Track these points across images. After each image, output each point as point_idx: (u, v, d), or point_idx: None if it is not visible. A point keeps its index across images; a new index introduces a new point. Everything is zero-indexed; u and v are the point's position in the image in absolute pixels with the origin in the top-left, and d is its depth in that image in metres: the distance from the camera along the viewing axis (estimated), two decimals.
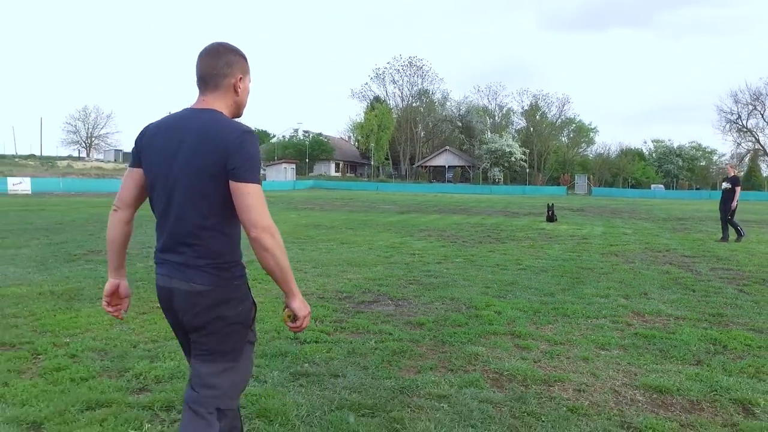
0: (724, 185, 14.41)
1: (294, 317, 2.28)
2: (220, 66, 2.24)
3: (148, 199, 2.32)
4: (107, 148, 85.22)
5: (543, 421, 3.46)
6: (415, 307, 6.47)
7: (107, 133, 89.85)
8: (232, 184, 2.09)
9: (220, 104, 2.25)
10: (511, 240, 13.85)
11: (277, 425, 3.32)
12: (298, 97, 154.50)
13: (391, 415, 3.49)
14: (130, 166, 2.33)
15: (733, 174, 14.55)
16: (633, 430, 3.36)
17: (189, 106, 2.30)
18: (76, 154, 79.28)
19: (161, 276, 2.28)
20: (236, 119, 2.30)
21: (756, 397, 3.86)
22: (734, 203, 13.87)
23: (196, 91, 2.26)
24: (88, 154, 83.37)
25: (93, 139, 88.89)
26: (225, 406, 2.24)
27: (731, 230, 14.20)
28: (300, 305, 2.26)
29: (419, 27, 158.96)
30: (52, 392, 3.76)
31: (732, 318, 6.15)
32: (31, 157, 59.32)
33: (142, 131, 2.31)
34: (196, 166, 2.12)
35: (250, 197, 2.08)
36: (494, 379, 4.20)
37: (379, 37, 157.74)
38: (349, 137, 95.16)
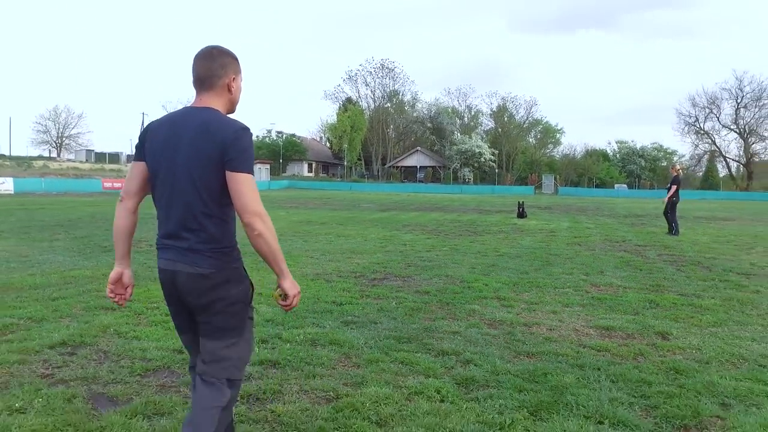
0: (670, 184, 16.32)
1: (285, 296, 2.53)
2: (215, 68, 2.48)
3: (150, 189, 2.56)
4: (79, 148, 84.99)
5: (527, 344, 5.05)
6: (418, 281, 8.04)
7: (78, 133, 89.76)
8: (228, 174, 2.34)
9: (216, 103, 2.50)
10: (487, 233, 15.52)
11: (347, 347, 4.85)
12: (269, 97, 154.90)
13: (422, 342, 5.05)
14: (134, 160, 2.59)
15: (675, 174, 16.47)
16: (587, 348, 4.97)
17: (188, 105, 2.58)
18: (46, 154, 79.00)
19: (165, 260, 2.51)
20: (231, 115, 2.59)
21: (671, 329, 5.53)
22: (667, 198, 15.77)
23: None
24: (59, 154, 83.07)
25: (64, 139, 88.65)
26: (233, 377, 2.55)
27: (675, 223, 16.05)
28: (290, 285, 2.52)
29: (391, 28, 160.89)
30: (168, 336, 5.21)
31: (667, 287, 7.86)
32: (2, 156, 59.28)
33: (145, 128, 2.57)
34: (198, 158, 2.36)
35: (244, 185, 2.34)
36: (489, 323, 5.78)
37: (350, 39, 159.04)
38: (321, 138, 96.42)
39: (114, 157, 76.36)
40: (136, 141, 2.61)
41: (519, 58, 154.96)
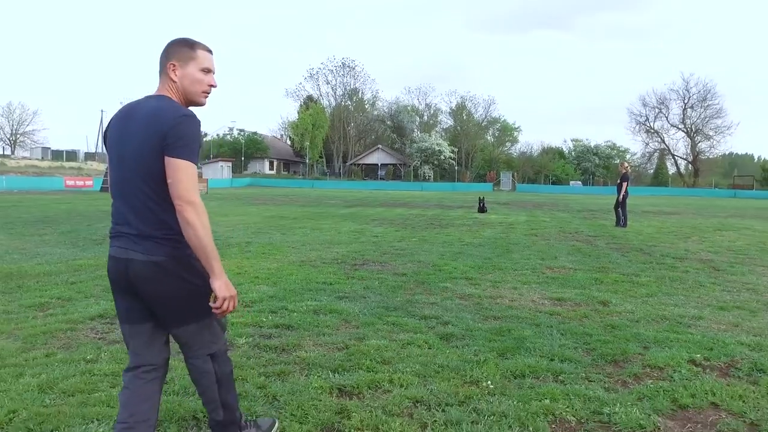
0: (619, 180, 17.71)
1: (215, 298, 2.43)
2: (162, 56, 2.55)
3: (108, 176, 2.62)
4: (34, 146, 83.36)
5: (493, 311, 6.09)
6: (395, 266, 9.03)
7: (33, 130, 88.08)
8: (166, 159, 2.32)
9: (164, 90, 2.53)
10: (452, 226, 16.62)
11: (345, 315, 5.81)
12: (229, 95, 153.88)
13: (407, 310, 6.04)
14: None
15: (623, 171, 17.86)
16: (542, 313, 6.03)
17: (148, 94, 2.60)
18: None
19: (117, 248, 2.49)
20: (189, 107, 2.55)
21: (611, 299, 6.67)
22: (621, 195, 17.14)
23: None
24: (13, 152, 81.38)
25: (18, 136, 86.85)
26: (214, 351, 2.66)
27: (624, 216, 17.44)
28: (222, 286, 2.42)
29: (351, 27, 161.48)
30: None
31: (611, 269, 9.03)
32: None
33: (111, 117, 2.61)
34: (143, 146, 2.37)
35: (179, 172, 2.31)
36: (460, 297, 6.80)
37: (310, 37, 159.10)
38: (282, 136, 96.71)
39: (71, 155, 75.28)
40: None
41: (477, 58, 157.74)
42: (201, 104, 2.61)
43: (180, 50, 2.53)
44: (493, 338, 4.99)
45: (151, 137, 2.34)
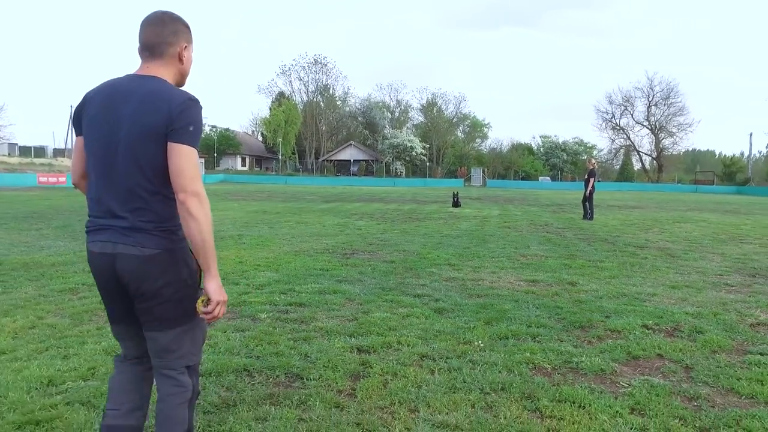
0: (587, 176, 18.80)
1: (207, 301, 2.26)
2: (166, 34, 2.30)
3: (86, 162, 2.33)
4: (1, 142, 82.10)
5: (476, 290, 6.93)
6: (382, 255, 9.83)
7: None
8: (169, 145, 2.14)
9: (164, 72, 2.31)
10: (429, 219, 17.50)
11: (347, 294, 6.59)
12: (198, 91, 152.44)
13: (401, 290, 6.85)
14: (77, 136, 2.37)
15: (591, 167, 18.94)
16: (519, 291, 6.89)
17: (132, 73, 2.33)
18: None
19: (102, 242, 2.26)
20: (180, 88, 2.35)
21: (579, 280, 7.59)
22: (588, 190, 18.23)
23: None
24: None
25: None
26: (192, 363, 2.41)
27: (591, 210, 18.53)
28: (217, 288, 2.26)
29: (323, 22, 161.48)
30: None
31: (578, 256, 9.97)
32: None
33: (82, 98, 2.33)
34: (141, 130, 2.16)
35: (184, 159, 2.14)
36: (446, 279, 7.64)
37: (281, 32, 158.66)
38: (254, 132, 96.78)
39: (39, 151, 74.40)
40: (73, 115, 2.40)
41: (448, 54, 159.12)
42: (184, 85, 2.48)
43: (186, 30, 2.39)
44: (479, 311, 5.83)
45: (154, 122, 2.16)
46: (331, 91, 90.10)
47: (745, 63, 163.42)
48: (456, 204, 23.52)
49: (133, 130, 2.17)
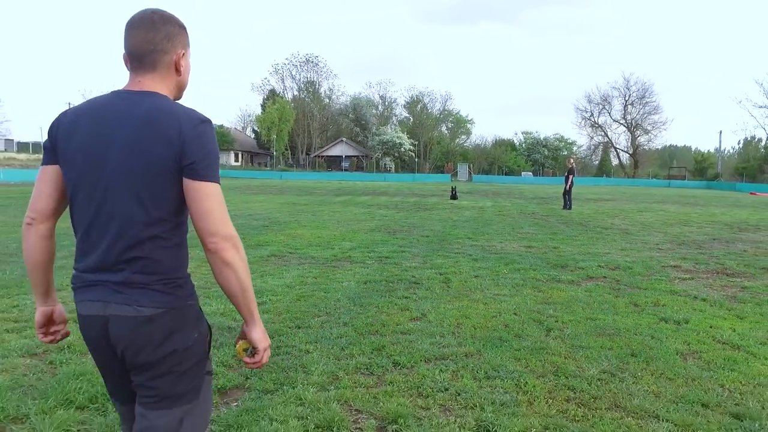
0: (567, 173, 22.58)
1: (253, 350, 1.93)
2: (157, 40, 1.83)
3: (69, 206, 1.88)
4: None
5: (492, 251, 10.55)
6: (417, 232, 13.42)
7: None
8: (189, 183, 1.74)
9: (161, 86, 1.86)
10: (436, 209, 21.13)
11: (409, 253, 10.16)
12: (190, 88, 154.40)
13: (443, 252, 10.43)
14: (43, 164, 1.88)
15: (570, 166, 22.73)
16: (521, 252, 10.53)
17: (120, 89, 1.86)
18: None
19: (91, 302, 1.82)
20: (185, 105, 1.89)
21: (559, 246, 11.27)
22: (567, 185, 22.01)
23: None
24: None
25: None
26: None
27: (569, 202, 22.31)
28: (261, 336, 1.92)
29: (306, 15, 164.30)
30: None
31: (559, 233, 13.67)
32: None
33: (56, 120, 1.85)
34: (140, 163, 1.74)
35: (211, 199, 1.75)
36: (469, 246, 11.24)
37: (266, 27, 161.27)
38: (244, 128, 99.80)
39: (37, 147, 76.78)
40: (45, 139, 1.90)
41: (428, 50, 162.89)
42: (181, 98, 2.01)
43: (182, 33, 1.91)
44: (498, 260, 9.46)
45: (158, 149, 1.72)
46: (317, 87, 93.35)
47: (723, 61, 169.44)
48: (454, 197, 27.18)
49: (132, 162, 1.73)
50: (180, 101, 1.96)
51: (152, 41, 1.82)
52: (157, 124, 1.74)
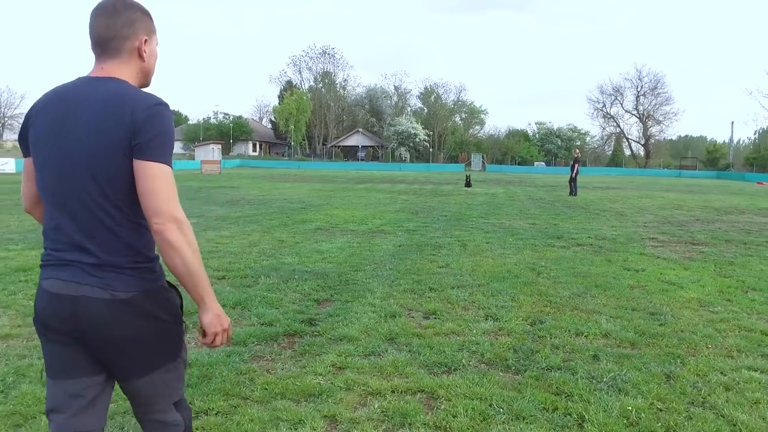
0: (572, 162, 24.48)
1: (203, 332, 1.92)
2: (119, 26, 1.88)
3: (36, 184, 1.93)
4: None
5: (502, 225, 12.54)
6: (436, 213, 15.40)
7: (21, 114, 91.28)
8: (136, 163, 1.77)
9: (124, 72, 1.90)
10: (452, 195, 23.11)
11: (433, 227, 12.18)
12: (207, 78, 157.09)
13: (462, 228, 12.42)
14: (24, 155, 1.97)
15: (576, 155, 24.64)
16: (527, 227, 12.50)
17: (85, 75, 1.92)
18: None
19: (61, 281, 1.84)
20: (145, 89, 1.94)
21: (560, 224, 13.26)
22: (573, 173, 23.93)
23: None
24: (1, 136, 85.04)
25: (6, 119, 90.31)
26: (178, 397, 2.10)
27: (575, 189, 24.21)
28: (212, 320, 1.91)
29: (322, 6, 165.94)
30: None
31: (561, 215, 15.62)
32: None
33: (28, 111, 1.92)
34: (100, 144, 1.78)
35: (157, 179, 1.77)
36: (484, 223, 13.23)
37: (279, 17, 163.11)
38: (260, 119, 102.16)
39: None
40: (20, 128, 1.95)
41: (441, 40, 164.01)
42: (149, 86, 2.03)
43: (144, 19, 1.95)
44: (506, 232, 11.44)
45: (114, 131, 1.77)
46: (332, 77, 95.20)
47: (738, 52, 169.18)
48: (468, 184, 29.11)
49: (92, 143, 1.78)
50: (147, 88, 1.98)
51: (113, 27, 1.87)
52: (114, 107, 1.78)
